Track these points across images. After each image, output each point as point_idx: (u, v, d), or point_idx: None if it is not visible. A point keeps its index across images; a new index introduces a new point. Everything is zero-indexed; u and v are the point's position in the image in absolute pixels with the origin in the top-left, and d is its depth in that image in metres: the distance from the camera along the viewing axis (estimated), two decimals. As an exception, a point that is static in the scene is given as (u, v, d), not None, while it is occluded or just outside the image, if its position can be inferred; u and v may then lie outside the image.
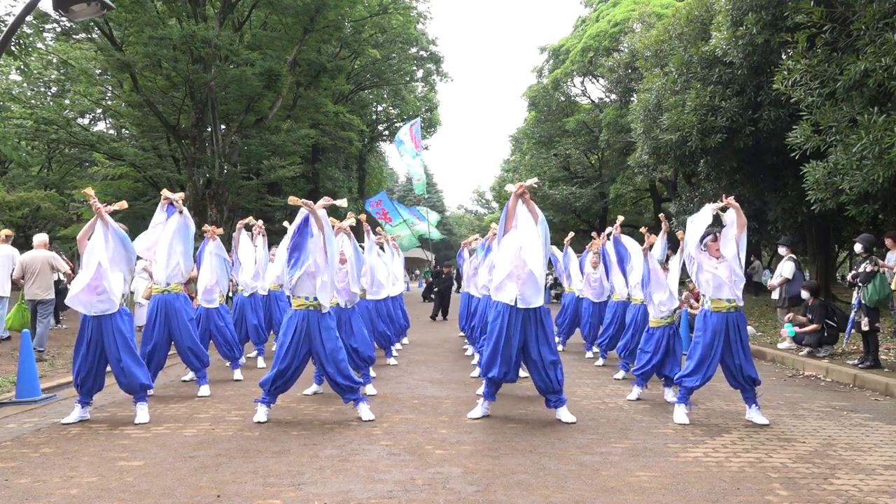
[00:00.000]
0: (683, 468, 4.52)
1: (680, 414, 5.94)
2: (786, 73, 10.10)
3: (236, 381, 7.92)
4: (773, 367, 9.45)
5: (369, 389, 7.05)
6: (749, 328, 6.07)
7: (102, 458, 4.65)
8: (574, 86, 29.69)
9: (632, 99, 20.89)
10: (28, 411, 6.21)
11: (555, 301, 22.13)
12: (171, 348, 7.14)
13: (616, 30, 24.76)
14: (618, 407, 6.59)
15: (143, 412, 5.79)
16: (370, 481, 4.17)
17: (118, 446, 4.97)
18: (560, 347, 10.78)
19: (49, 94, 28.91)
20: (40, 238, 9.86)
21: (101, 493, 3.93)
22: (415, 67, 32.91)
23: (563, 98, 29.43)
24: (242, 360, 8.44)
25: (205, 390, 7.03)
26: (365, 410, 5.90)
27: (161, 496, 3.89)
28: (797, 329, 9.75)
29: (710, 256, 5.94)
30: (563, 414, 5.90)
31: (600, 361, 9.53)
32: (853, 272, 8.72)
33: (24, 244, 21.36)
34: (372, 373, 7.73)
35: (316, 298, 5.82)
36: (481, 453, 4.84)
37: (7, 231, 10.71)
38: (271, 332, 10.33)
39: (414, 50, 31.87)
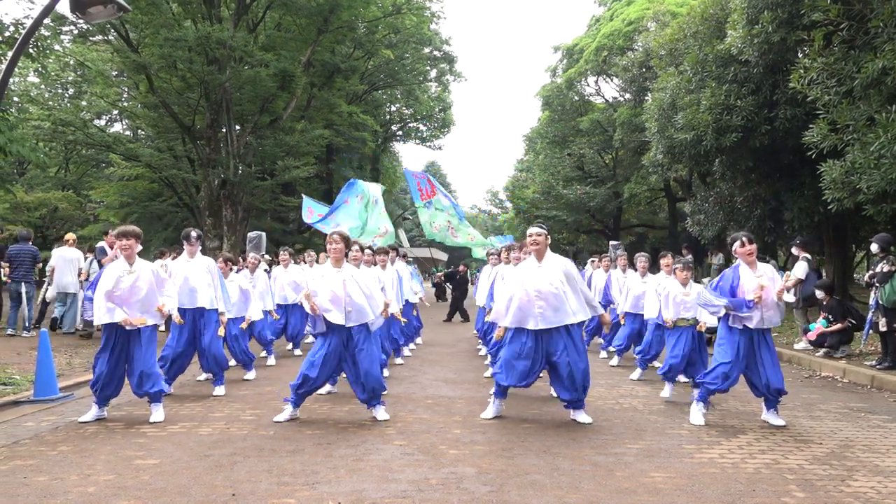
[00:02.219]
0: (698, 469, 4.49)
1: (696, 414, 5.88)
2: (802, 71, 10.00)
3: (248, 380, 7.97)
4: (789, 368, 9.38)
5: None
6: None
7: (119, 456, 4.70)
8: (588, 85, 29.54)
9: (646, 98, 20.77)
10: (46, 410, 6.29)
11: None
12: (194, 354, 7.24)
13: (630, 29, 24.61)
14: (632, 407, 6.56)
15: (158, 411, 5.84)
16: (384, 481, 4.18)
17: (134, 445, 5.01)
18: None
19: (66, 95, 29.27)
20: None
21: (118, 492, 3.96)
22: (428, 67, 32.90)
23: (576, 97, 29.29)
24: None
25: (220, 390, 7.08)
26: (381, 411, 5.90)
27: (177, 494, 3.92)
28: (818, 326, 9.64)
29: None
30: (580, 416, 5.87)
31: (615, 361, 9.51)
32: (870, 272, 8.62)
33: (41, 244, 21.64)
34: (385, 372, 7.75)
35: None
36: (495, 453, 4.84)
37: (71, 235, 12.19)
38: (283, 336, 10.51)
39: (427, 50, 31.87)
